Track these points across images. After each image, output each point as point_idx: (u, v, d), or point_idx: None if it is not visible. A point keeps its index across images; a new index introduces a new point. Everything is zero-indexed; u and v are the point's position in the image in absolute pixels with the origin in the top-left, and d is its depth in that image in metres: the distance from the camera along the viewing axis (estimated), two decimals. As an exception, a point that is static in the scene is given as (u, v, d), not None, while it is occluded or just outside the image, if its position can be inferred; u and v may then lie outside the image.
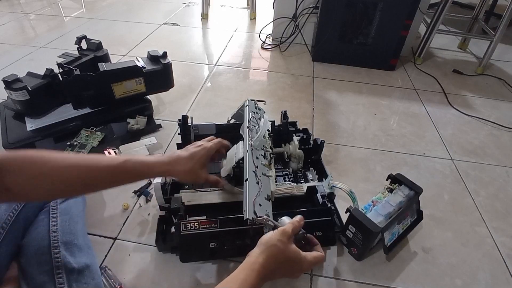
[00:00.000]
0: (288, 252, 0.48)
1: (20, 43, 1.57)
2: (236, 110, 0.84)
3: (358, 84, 1.40)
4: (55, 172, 0.45)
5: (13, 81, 0.87)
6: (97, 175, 0.48)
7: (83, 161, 0.48)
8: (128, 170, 0.51)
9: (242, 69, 1.46)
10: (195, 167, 0.57)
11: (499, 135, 1.14)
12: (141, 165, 0.52)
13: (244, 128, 0.70)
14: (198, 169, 0.58)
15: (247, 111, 0.75)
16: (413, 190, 0.71)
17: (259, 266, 0.45)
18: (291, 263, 0.49)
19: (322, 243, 0.69)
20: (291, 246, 0.49)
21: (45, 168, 0.44)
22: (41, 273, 0.52)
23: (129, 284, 0.64)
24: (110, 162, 0.50)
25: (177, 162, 0.56)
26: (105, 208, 0.78)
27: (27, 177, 0.43)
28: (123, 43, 1.61)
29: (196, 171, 0.58)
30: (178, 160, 0.56)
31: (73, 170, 0.46)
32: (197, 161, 0.58)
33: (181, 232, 0.60)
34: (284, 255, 0.48)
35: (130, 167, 0.51)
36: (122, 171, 0.50)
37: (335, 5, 1.38)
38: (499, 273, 0.71)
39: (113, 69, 0.95)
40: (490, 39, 1.49)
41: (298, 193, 0.72)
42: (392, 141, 1.07)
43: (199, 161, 0.58)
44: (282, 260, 0.47)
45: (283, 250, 0.48)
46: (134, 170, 0.52)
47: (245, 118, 0.74)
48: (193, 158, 0.58)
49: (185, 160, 0.57)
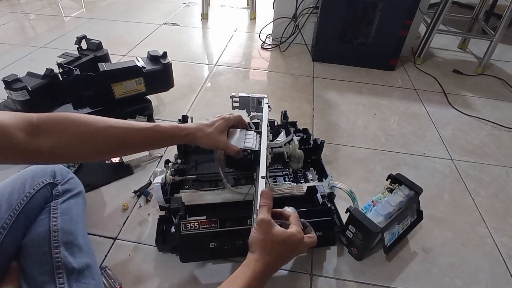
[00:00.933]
0: (274, 236, 0.48)
1: (20, 43, 1.57)
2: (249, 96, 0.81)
3: (358, 84, 1.40)
4: (96, 132, 0.49)
5: (13, 81, 0.87)
6: (133, 135, 0.54)
7: (119, 123, 0.53)
8: (159, 132, 0.57)
9: (242, 69, 1.46)
10: (213, 133, 0.62)
11: (499, 135, 1.14)
12: (171, 127, 0.58)
13: (263, 126, 0.71)
14: (216, 135, 0.62)
15: (266, 108, 0.76)
16: (413, 190, 0.71)
17: (254, 262, 0.46)
18: (283, 245, 0.48)
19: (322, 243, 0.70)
20: (274, 230, 0.48)
21: (86, 129, 0.49)
22: (41, 273, 0.52)
23: (129, 284, 0.64)
24: (144, 125, 0.55)
25: (199, 128, 0.61)
26: (105, 208, 0.78)
27: (72, 137, 0.47)
28: (123, 43, 1.61)
29: (214, 136, 0.62)
30: (200, 127, 0.62)
31: (110, 131, 0.51)
32: (216, 127, 0.62)
33: (181, 232, 0.60)
34: (272, 242, 0.48)
35: (161, 128, 0.57)
36: (156, 131, 0.56)
37: (335, 5, 1.38)
38: (499, 273, 0.71)
39: (113, 69, 0.95)
40: (490, 39, 1.49)
41: (298, 193, 0.72)
42: (392, 141, 1.07)
43: (217, 127, 0.63)
44: (273, 246, 0.48)
45: (268, 238, 0.48)
46: (165, 131, 0.57)
47: (264, 115, 0.75)
48: (213, 125, 0.63)
49: (205, 126, 0.62)
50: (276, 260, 0.49)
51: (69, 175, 0.67)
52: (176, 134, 0.59)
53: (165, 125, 0.58)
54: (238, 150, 0.64)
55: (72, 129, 0.47)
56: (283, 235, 0.48)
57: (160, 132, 0.57)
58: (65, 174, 0.66)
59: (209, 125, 0.63)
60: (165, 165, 0.78)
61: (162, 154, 0.94)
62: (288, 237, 0.48)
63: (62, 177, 0.65)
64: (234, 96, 0.81)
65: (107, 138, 0.51)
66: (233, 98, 0.81)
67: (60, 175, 0.64)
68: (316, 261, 0.70)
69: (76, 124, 0.48)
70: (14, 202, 0.57)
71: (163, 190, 0.70)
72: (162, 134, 0.57)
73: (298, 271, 0.68)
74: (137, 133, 0.54)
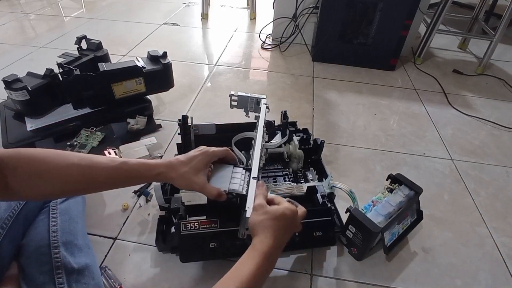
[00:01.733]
0: (273, 213, 0.51)
1: (20, 43, 1.57)
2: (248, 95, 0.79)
3: (358, 84, 1.40)
4: (55, 171, 0.44)
5: (13, 81, 0.87)
6: (97, 175, 0.48)
7: (83, 160, 0.47)
8: (127, 170, 0.50)
9: (242, 69, 1.46)
10: (188, 172, 0.53)
11: (499, 135, 1.14)
12: (140, 166, 0.51)
13: (259, 126, 0.70)
14: (191, 175, 0.53)
15: (264, 109, 0.75)
16: (413, 190, 0.71)
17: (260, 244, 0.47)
18: (282, 218, 0.51)
19: (322, 243, 0.70)
20: (270, 209, 0.51)
21: (44, 166, 0.43)
22: (41, 273, 0.52)
23: (129, 284, 0.64)
24: (109, 163, 0.49)
25: (173, 167, 0.53)
26: (105, 208, 0.78)
27: (26, 175, 0.42)
28: (123, 43, 1.61)
29: (189, 177, 0.53)
30: (174, 165, 0.53)
31: (73, 170, 0.46)
32: (192, 166, 0.54)
33: (181, 232, 0.60)
34: (272, 220, 0.50)
35: (129, 168, 0.50)
36: (122, 171, 0.50)
37: (335, 5, 1.38)
38: (499, 273, 0.71)
39: (113, 69, 0.95)
40: (490, 39, 1.49)
41: (298, 193, 0.72)
42: (392, 141, 1.07)
43: (194, 166, 0.54)
44: (273, 223, 0.50)
45: (268, 217, 0.50)
46: (133, 171, 0.51)
47: (261, 116, 0.73)
48: (189, 162, 0.54)
49: (179, 164, 0.54)
50: (279, 235, 0.50)
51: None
52: (145, 173, 0.51)
53: (134, 163, 0.51)
54: (219, 192, 0.55)
55: (30, 167, 0.42)
56: (279, 210, 0.51)
57: (128, 171, 0.50)
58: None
59: (185, 162, 0.54)
60: (165, 165, 0.78)
61: (162, 154, 0.94)
62: (284, 210, 0.51)
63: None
64: (233, 95, 0.79)
65: (69, 178, 0.46)
66: (232, 97, 0.79)
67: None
68: (316, 261, 0.70)
69: (35, 161, 0.43)
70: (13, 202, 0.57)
71: (163, 190, 0.70)
72: (129, 173, 0.50)
73: (298, 271, 0.68)
74: (102, 172, 0.48)
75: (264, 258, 0.46)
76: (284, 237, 0.51)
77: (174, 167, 0.53)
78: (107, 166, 0.48)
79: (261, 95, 0.79)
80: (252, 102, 0.79)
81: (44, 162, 0.44)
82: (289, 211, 0.52)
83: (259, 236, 0.49)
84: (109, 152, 0.86)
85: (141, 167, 0.51)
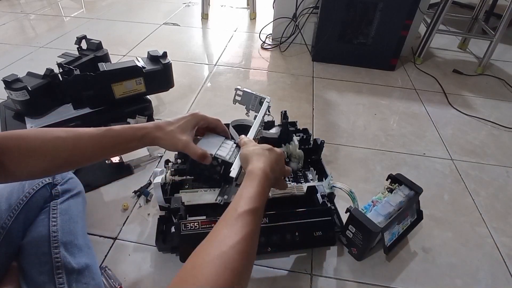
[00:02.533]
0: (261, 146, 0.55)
1: (20, 43, 1.57)
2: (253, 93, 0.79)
3: (358, 84, 1.40)
4: (44, 146, 0.45)
5: (13, 81, 0.87)
6: (85, 145, 0.48)
7: (69, 132, 0.47)
8: (113, 136, 0.50)
9: (242, 69, 1.46)
10: (174, 131, 0.52)
11: (499, 135, 1.14)
12: (125, 129, 0.51)
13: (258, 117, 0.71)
14: (177, 133, 0.52)
15: (266, 106, 0.76)
16: (413, 190, 0.71)
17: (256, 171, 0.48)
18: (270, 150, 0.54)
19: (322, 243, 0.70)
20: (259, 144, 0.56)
21: (33, 144, 0.44)
22: (41, 273, 0.52)
23: (129, 284, 0.64)
24: (95, 131, 0.49)
25: (159, 127, 0.52)
26: (105, 208, 0.78)
27: (18, 154, 0.43)
28: (123, 43, 1.61)
29: (174, 135, 0.52)
30: (160, 125, 0.52)
31: (59, 143, 0.46)
32: (179, 125, 0.53)
33: (181, 232, 0.60)
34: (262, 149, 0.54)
35: (114, 133, 0.50)
36: (108, 138, 0.49)
37: (335, 5, 1.38)
38: (499, 273, 0.71)
39: (113, 69, 0.95)
40: (490, 39, 1.49)
41: (298, 193, 0.72)
42: (392, 141, 1.07)
43: (180, 125, 0.53)
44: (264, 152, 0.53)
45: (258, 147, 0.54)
46: (118, 134, 0.50)
47: (260, 112, 0.75)
48: (177, 122, 0.53)
49: (167, 123, 0.53)
50: (272, 165, 0.51)
51: (68, 175, 0.67)
52: (132, 136, 0.51)
53: (119, 127, 0.50)
54: (203, 153, 0.53)
55: (18, 146, 0.43)
56: (269, 146, 0.55)
57: (113, 136, 0.49)
58: (65, 174, 0.66)
59: (172, 122, 0.54)
60: (165, 165, 0.78)
61: (162, 154, 0.94)
62: (272, 147, 0.55)
63: (61, 177, 0.65)
64: (239, 89, 0.79)
65: (58, 151, 0.46)
66: (237, 91, 0.79)
67: (60, 175, 0.64)
68: (316, 261, 0.70)
69: (22, 140, 0.44)
70: (14, 202, 0.57)
71: (163, 190, 0.70)
72: (115, 138, 0.50)
73: (298, 271, 0.68)
74: (89, 141, 0.48)
75: (263, 177, 0.47)
76: (275, 171, 0.52)
77: (160, 126, 0.52)
78: (92, 134, 0.48)
79: (266, 96, 0.79)
80: (255, 100, 0.79)
81: (33, 139, 0.44)
82: (277, 149, 0.55)
83: (252, 163, 0.50)
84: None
85: (127, 130, 0.51)
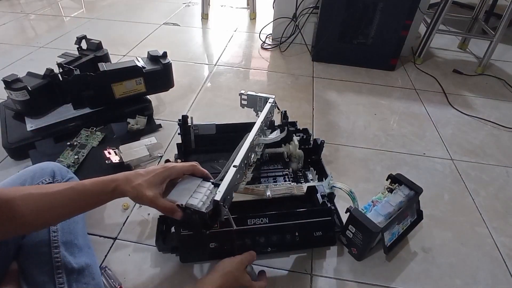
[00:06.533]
0: (243, 280, 0.56)
1: (20, 43, 1.57)
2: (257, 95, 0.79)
3: (358, 84, 1.40)
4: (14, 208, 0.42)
5: (13, 81, 0.87)
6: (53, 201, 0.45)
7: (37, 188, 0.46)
8: (81, 190, 0.47)
9: (242, 69, 1.46)
10: (141, 185, 0.48)
11: (499, 135, 1.14)
12: (95, 182, 0.47)
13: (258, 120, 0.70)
14: (144, 188, 0.48)
15: (268, 107, 0.75)
16: (413, 190, 0.71)
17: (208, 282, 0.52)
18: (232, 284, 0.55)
19: (322, 243, 0.70)
20: (245, 275, 0.57)
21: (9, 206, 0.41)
22: (41, 273, 0.52)
23: (129, 284, 0.64)
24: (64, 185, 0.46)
25: (128, 180, 0.48)
26: (105, 208, 0.78)
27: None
28: (123, 43, 1.61)
29: (140, 189, 0.47)
30: (131, 176, 0.49)
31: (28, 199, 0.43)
32: (147, 179, 0.49)
33: (181, 232, 0.60)
34: (238, 283, 0.55)
35: (82, 186, 0.47)
36: (76, 191, 0.46)
37: (335, 5, 1.37)
38: (499, 273, 0.71)
39: (113, 69, 0.95)
40: (490, 39, 1.49)
41: (298, 193, 0.72)
42: (392, 141, 1.07)
43: (149, 179, 0.49)
44: (227, 280, 0.54)
45: (238, 278, 0.55)
46: (86, 189, 0.47)
47: (263, 111, 0.73)
48: (146, 175, 0.49)
49: (136, 176, 0.49)
50: None
51: (68, 175, 0.67)
52: (101, 191, 0.47)
53: (87, 182, 0.47)
54: (172, 207, 0.49)
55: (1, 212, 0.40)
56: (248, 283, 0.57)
57: (81, 191, 0.46)
58: (65, 174, 0.66)
59: (142, 174, 0.49)
60: (165, 165, 0.78)
61: (162, 154, 0.94)
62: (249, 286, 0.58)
63: (61, 176, 0.64)
64: (243, 94, 0.80)
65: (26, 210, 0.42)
66: (242, 96, 0.80)
67: (60, 175, 0.64)
68: (316, 261, 0.70)
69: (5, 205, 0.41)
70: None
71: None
72: (82, 193, 0.46)
73: (298, 271, 0.68)
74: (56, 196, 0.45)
75: None
76: None
77: (130, 179, 0.49)
78: (59, 190, 0.45)
79: (270, 95, 0.79)
80: (260, 101, 0.79)
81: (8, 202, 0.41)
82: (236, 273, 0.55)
83: (216, 282, 0.53)
84: (109, 152, 0.86)
85: (96, 185, 0.47)
